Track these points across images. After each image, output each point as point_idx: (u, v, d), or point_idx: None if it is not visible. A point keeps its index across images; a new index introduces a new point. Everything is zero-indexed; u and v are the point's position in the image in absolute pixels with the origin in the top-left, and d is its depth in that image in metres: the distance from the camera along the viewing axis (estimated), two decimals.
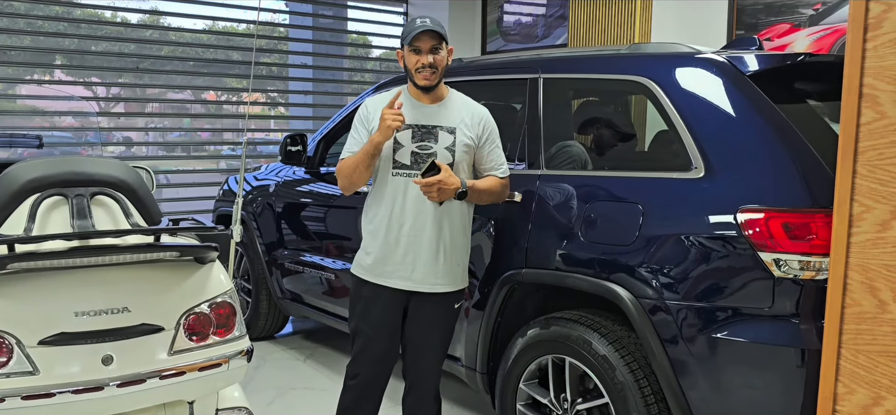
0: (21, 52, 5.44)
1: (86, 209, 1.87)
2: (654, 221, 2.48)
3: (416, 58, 2.61)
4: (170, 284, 1.86)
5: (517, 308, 2.99)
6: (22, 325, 1.69)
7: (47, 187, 1.89)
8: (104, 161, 2.02)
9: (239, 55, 6.95)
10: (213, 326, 1.89)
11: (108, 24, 6.41)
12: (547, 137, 2.96)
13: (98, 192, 1.89)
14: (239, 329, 1.96)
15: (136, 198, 1.97)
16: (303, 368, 4.33)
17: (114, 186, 1.95)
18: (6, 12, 5.29)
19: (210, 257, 1.92)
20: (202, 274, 1.93)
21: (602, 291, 2.57)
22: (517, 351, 2.85)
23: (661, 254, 2.43)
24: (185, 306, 1.89)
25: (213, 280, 1.94)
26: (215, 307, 1.91)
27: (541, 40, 6.37)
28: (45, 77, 5.89)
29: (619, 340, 2.56)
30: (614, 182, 2.69)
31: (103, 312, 1.73)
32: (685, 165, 2.46)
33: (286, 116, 7.32)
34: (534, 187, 2.90)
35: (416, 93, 2.70)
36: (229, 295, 1.96)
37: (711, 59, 2.61)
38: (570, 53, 3.36)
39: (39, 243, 1.76)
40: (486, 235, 3.01)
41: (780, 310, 2.19)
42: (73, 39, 5.89)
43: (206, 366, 1.87)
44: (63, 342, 1.72)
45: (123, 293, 1.80)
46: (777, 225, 2.19)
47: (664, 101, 2.59)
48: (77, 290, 1.78)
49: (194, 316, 1.87)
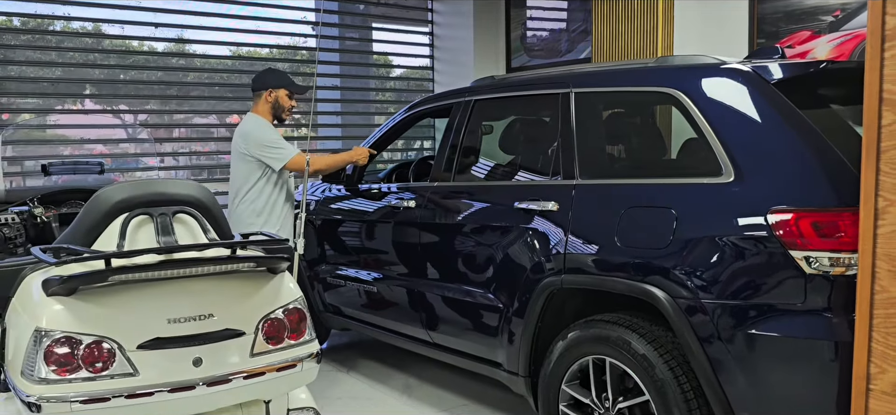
0: (55, 83, 5.71)
1: (169, 226, 2.07)
2: (688, 224, 2.61)
3: (290, 102, 4.01)
4: (248, 292, 2.05)
5: (557, 313, 3.13)
6: (122, 331, 1.89)
7: (134, 207, 2.08)
8: (182, 183, 2.22)
9: None
10: (286, 330, 2.08)
11: (145, 54, 6.66)
12: (581, 148, 3.10)
13: (178, 210, 2.09)
14: (309, 333, 2.14)
15: (211, 215, 2.16)
16: (346, 379, 4.48)
17: (192, 204, 2.14)
18: (38, 46, 5.57)
19: (281, 268, 2.11)
20: (275, 283, 2.12)
21: (639, 292, 2.70)
22: (558, 354, 2.99)
23: (695, 256, 2.56)
24: (263, 312, 2.07)
25: (284, 288, 2.13)
26: (288, 313, 2.10)
27: (564, 55, 6.51)
28: (85, 105, 6.15)
29: (657, 339, 2.69)
30: (647, 189, 2.83)
31: (192, 318, 1.93)
32: (715, 171, 2.60)
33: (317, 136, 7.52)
34: (569, 196, 3.04)
35: (269, 120, 3.99)
36: (300, 302, 2.14)
37: (737, 69, 2.74)
38: (600, 68, 3.52)
39: (131, 258, 1.94)
40: (525, 244, 3.16)
41: (812, 305, 2.31)
42: (111, 69, 6.14)
43: (282, 367, 2.06)
44: (158, 346, 1.92)
45: (208, 301, 1.99)
46: (806, 224, 2.32)
47: (693, 110, 2.73)
48: (167, 299, 1.97)
49: (270, 321, 2.06)
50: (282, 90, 3.95)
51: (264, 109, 3.98)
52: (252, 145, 3.86)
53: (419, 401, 4.07)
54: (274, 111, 3.98)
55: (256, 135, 3.88)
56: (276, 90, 3.94)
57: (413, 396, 4.15)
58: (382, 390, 4.26)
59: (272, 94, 3.95)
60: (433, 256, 3.72)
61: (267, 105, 3.97)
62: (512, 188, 3.43)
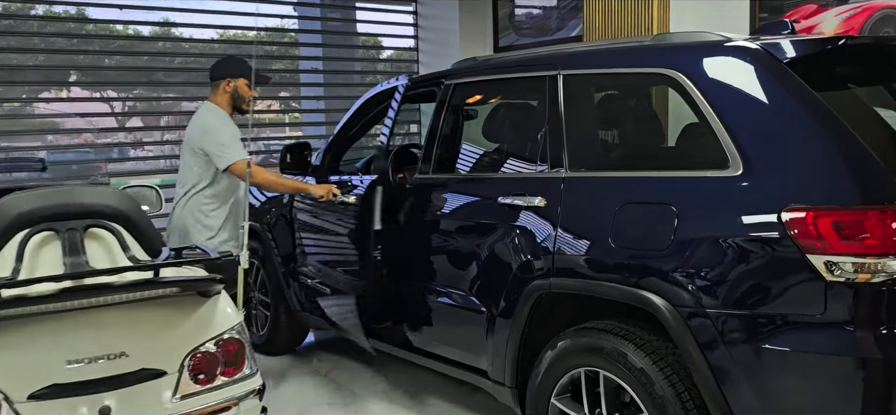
0: (32, 71, 5.38)
1: (79, 244, 1.71)
2: (690, 223, 2.32)
3: (250, 92, 3.70)
4: (172, 322, 1.72)
5: (545, 318, 2.85)
6: (9, 378, 1.55)
7: (37, 222, 1.72)
8: (98, 190, 1.88)
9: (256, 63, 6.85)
10: (220, 365, 1.75)
11: (120, 39, 6.33)
12: (570, 137, 2.80)
13: (92, 224, 1.74)
14: (249, 366, 1.82)
15: (135, 228, 1.81)
16: (324, 383, 4.21)
17: (109, 216, 1.78)
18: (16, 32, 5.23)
19: (215, 290, 1.78)
20: (207, 309, 1.79)
21: (635, 299, 2.42)
22: (547, 364, 2.71)
23: (698, 259, 2.27)
24: (190, 346, 1.75)
25: (219, 315, 1.80)
26: (222, 345, 1.77)
27: (555, 34, 6.21)
28: (61, 94, 5.83)
29: (656, 351, 2.41)
30: (644, 183, 2.54)
31: (99, 358, 1.59)
32: (720, 163, 2.30)
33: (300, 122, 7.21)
34: (558, 190, 2.75)
35: (228, 111, 3.72)
36: (237, 330, 1.81)
37: (744, 47, 2.44)
38: (591, 47, 3.21)
39: (27, 287, 1.59)
40: (510, 243, 2.87)
41: (833, 316, 2.02)
42: (87, 55, 5.81)
43: (215, 410, 1.74)
44: (56, 395, 1.58)
45: (121, 336, 1.66)
46: (826, 224, 2.03)
47: (695, 94, 2.43)
48: (69, 335, 1.63)
49: (200, 356, 1.73)
50: (241, 80, 3.66)
51: (223, 100, 3.68)
52: (206, 139, 3.56)
53: (402, 407, 3.81)
54: (233, 102, 3.70)
55: (214, 130, 3.59)
56: (235, 80, 3.66)
57: (394, 401, 3.88)
58: (363, 395, 3.99)
59: (231, 84, 3.67)
60: (414, 253, 3.44)
61: (225, 96, 3.67)
62: (495, 182, 3.14)
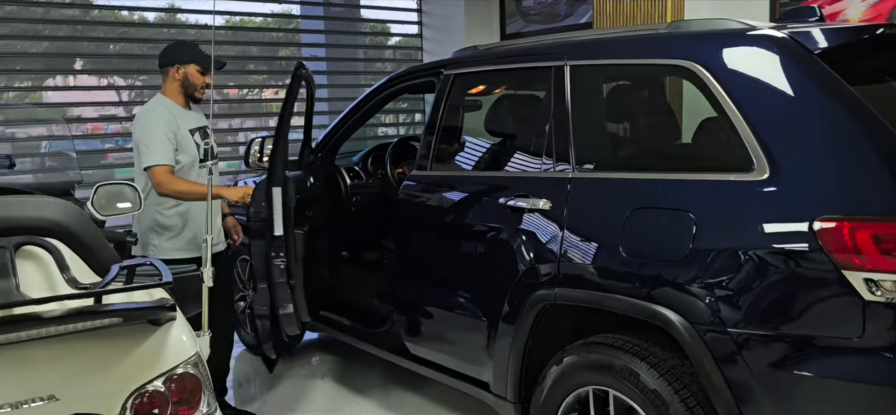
0: (33, 59, 5.18)
1: (8, 267, 1.47)
2: (710, 232, 2.10)
3: (202, 78, 3.36)
4: (114, 357, 1.45)
5: (550, 328, 2.63)
6: None
7: None
8: (35, 201, 1.62)
9: (257, 50, 6.65)
10: (170, 406, 1.51)
11: (124, 25, 6.11)
12: (577, 134, 2.58)
13: (25, 242, 1.51)
14: (207, 405, 1.57)
15: (80, 244, 1.54)
16: (320, 386, 4.02)
17: (46, 231, 1.50)
18: None
19: (166, 317, 1.56)
20: (157, 339, 1.52)
21: (648, 314, 2.20)
22: (552, 380, 2.50)
23: (719, 271, 2.05)
24: (133, 385, 1.49)
25: (171, 346, 1.52)
26: (174, 381, 1.51)
27: (563, 20, 5.96)
28: (69, 81, 5.63)
29: (671, 371, 2.19)
30: (659, 186, 2.31)
31: (22, 403, 1.33)
32: (744, 165, 2.08)
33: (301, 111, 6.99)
34: (564, 192, 2.53)
35: (180, 101, 3.38)
36: (194, 362, 1.55)
37: (770, 36, 2.21)
38: (601, 36, 2.97)
39: None
40: (513, 248, 2.66)
41: (872, 341, 1.80)
42: (90, 41, 5.61)
43: None
44: None
45: (50, 376, 1.40)
46: (865, 237, 1.80)
47: (715, 88, 2.20)
48: None
49: (146, 396, 1.47)
50: (191, 66, 3.33)
51: (174, 89, 3.37)
52: (137, 134, 3.28)
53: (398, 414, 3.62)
54: (184, 90, 3.37)
55: (144, 125, 3.28)
56: (185, 66, 3.33)
57: (393, 407, 3.69)
58: (359, 401, 3.80)
59: (180, 71, 3.33)
60: (413, 254, 3.24)
61: (176, 84, 3.36)
62: (497, 181, 2.91)
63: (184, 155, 3.31)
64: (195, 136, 3.38)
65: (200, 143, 3.40)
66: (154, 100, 3.40)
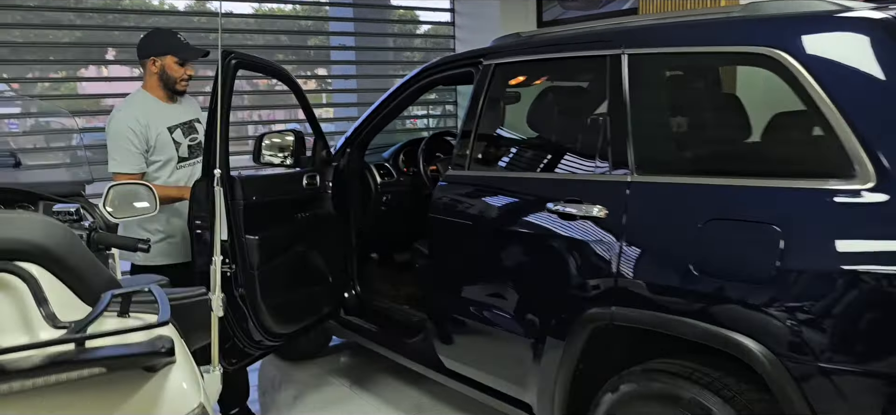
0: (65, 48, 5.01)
1: None
2: (801, 249, 1.80)
3: (182, 70, 3.15)
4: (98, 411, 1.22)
5: (604, 350, 2.35)
6: None
7: None
8: (12, 217, 1.37)
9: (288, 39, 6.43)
10: None
11: (155, 14, 5.93)
12: (637, 132, 2.28)
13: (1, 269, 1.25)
14: None
15: (63, 269, 1.27)
16: (349, 396, 3.79)
17: (25, 255, 1.24)
18: None
19: (162, 363, 1.28)
20: (152, 389, 1.25)
21: (722, 343, 1.91)
22: (606, 409, 2.23)
23: (811, 296, 1.75)
24: None
25: (168, 395, 1.23)
26: None
27: (604, 6, 5.63)
28: (102, 72, 5.46)
29: (747, 407, 1.90)
30: (737, 194, 2.00)
31: None
32: (843, 171, 1.77)
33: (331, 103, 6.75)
34: (622, 198, 2.24)
35: (161, 95, 3.18)
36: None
37: (869, 19, 1.89)
38: (662, 20, 2.65)
39: None
40: (562, 259, 2.38)
41: None
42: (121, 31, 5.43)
43: None
44: None
45: None
46: None
47: (806, 80, 1.89)
48: None
49: None
50: (168, 57, 3.12)
51: (152, 83, 3.15)
52: (108, 132, 3.08)
53: None
54: (163, 83, 3.16)
55: (110, 125, 3.08)
56: (162, 58, 3.12)
57: None
58: (389, 411, 3.56)
59: (157, 63, 3.13)
60: (449, 261, 2.98)
61: (153, 77, 3.14)
62: (543, 184, 2.63)
63: (158, 154, 3.10)
64: (176, 133, 3.16)
65: (182, 140, 3.18)
66: (131, 96, 3.20)
